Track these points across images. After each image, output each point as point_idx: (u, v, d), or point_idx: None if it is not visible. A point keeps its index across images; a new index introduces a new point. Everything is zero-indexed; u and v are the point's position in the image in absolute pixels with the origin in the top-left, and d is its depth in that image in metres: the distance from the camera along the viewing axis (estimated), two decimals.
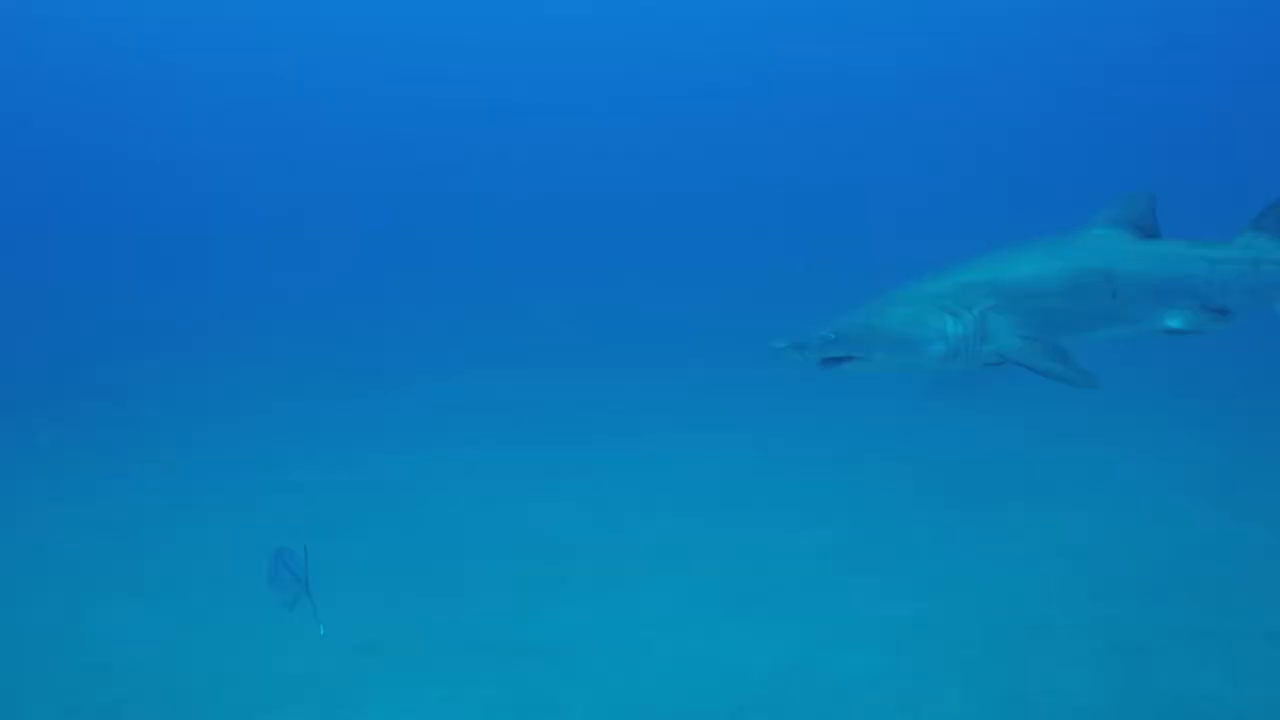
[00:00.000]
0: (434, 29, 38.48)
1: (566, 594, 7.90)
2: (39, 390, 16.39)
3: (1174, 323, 4.87)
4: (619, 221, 31.93)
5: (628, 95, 38.71)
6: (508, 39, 38.22)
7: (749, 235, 29.17)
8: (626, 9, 37.84)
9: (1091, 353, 4.80)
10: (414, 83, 38.83)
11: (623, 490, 10.48)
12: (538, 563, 8.57)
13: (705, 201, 33.21)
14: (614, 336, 19.19)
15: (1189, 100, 35.02)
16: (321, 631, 5.70)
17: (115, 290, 26.00)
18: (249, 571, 8.34)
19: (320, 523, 9.67)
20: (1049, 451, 11.22)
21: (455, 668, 6.75)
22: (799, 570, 8.18)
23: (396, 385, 16.34)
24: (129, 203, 35.28)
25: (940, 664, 6.52)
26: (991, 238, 5.11)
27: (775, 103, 36.90)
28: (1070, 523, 9.07)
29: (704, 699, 6.22)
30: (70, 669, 6.90)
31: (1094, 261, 4.83)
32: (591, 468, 11.31)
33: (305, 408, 14.89)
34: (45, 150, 36.94)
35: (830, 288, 5.16)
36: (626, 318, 20.91)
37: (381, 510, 10.19)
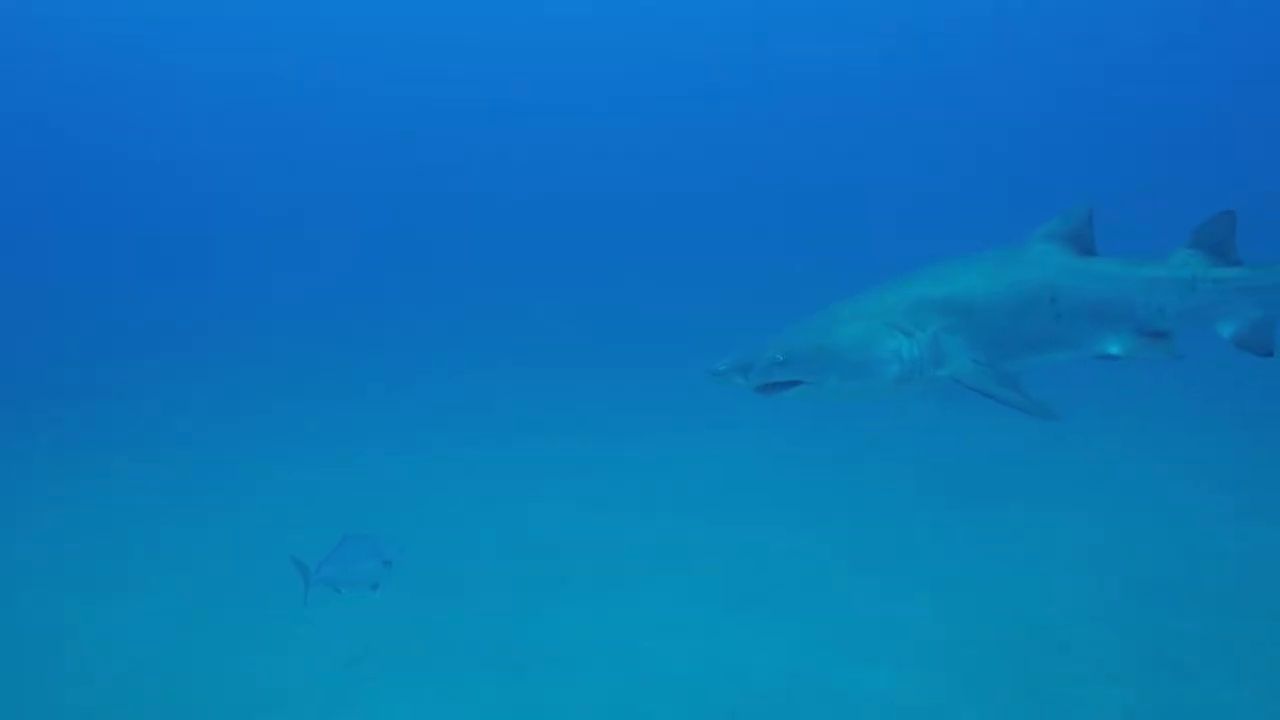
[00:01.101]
0: (433, 28, 38.49)
1: (566, 596, 7.84)
2: (38, 390, 16.23)
3: (1113, 348, 4.67)
4: (619, 221, 31.92)
5: (628, 95, 38.69)
6: (507, 38, 38.23)
7: (749, 235, 29.16)
8: (626, 9, 37.85)
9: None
10: (414, 83, 38.84)
11: (623, 490, 10.42)
12: (537, 564, 8.51)
13: (705, 201, 33.17)
14: (614, 336, 19.10)
15: (1188, 100, 35.01)
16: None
17: (115, 290, 25.89)
18: (245, 573, 8.37)
19: (318, 523, 9.43)
20: (1054, 451, 11.08)
21: (452, 671, 6.69)
22: (801, 572, 8.11)
23: (396, 385, 16.24)
24: (129, 203, 35.21)
25: (948, 673, 6.39)
26: (990, 238, 5.01)
27: (775, 102, 36.88)
28: (1080, 524, 8.94)
29: (705, 704, 6.15)
30: (60, 672, 6.82)
31: (1039, 281, 4.61)
32: (591, 468, 11.25)
33: (304, 408, 14.79)
34: (45, 150, 36.91)
35: (831, 287, 5.05)
36: (626, 317, 20.81)
37: (379, 510, 10.10)
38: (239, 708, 6.31)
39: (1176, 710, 5.87)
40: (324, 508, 10.13)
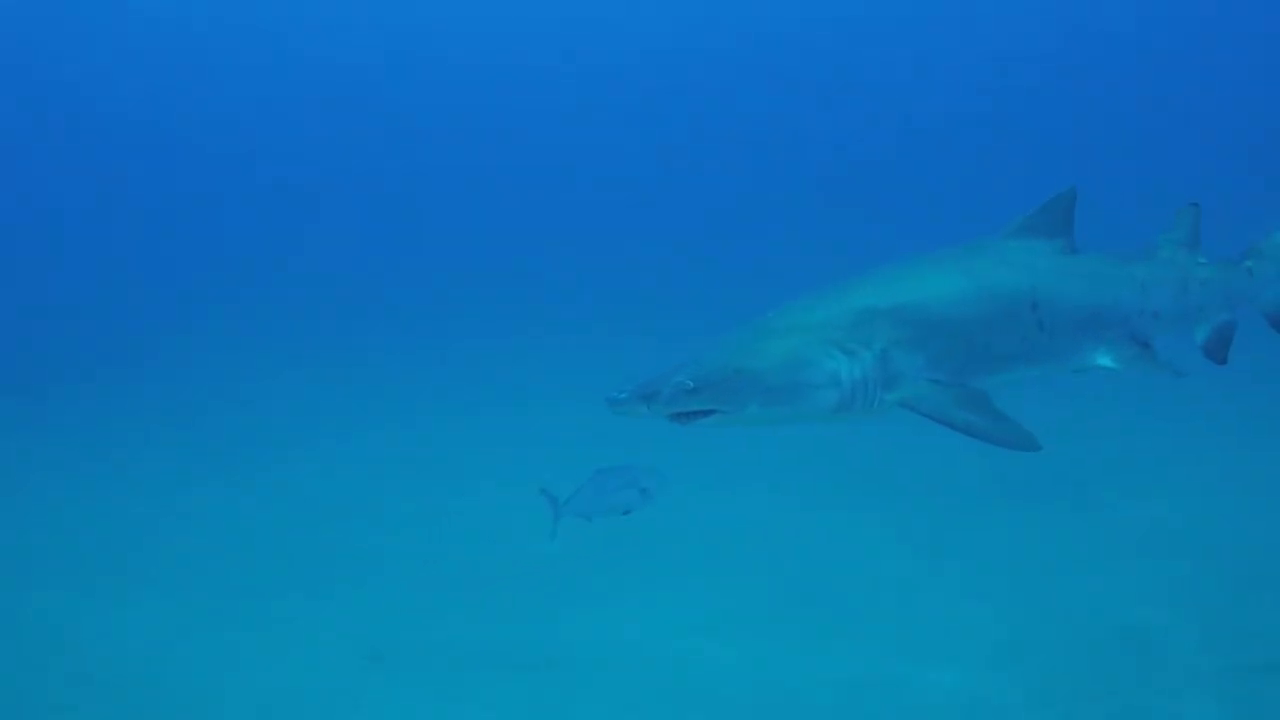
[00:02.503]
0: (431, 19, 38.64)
1: (603, 590, 7.32)
2: (41, 377, 15.68)
3: (1104, 360, 4.12)
4: (678, 188, 31.78)
5: (628, 86, 38.62)
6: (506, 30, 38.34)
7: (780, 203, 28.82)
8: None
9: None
10: (414, 59, 39.19)
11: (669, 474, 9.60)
12: (567, 557, 7.71)
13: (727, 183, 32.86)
14: (649, 306, 18.34)
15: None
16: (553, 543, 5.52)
17: (123, 274, 25.35)
18: (259, 566, 8.03)
19: (331, 511, 9.27)
20: (1138, 432, 10.18)
21: (474, 672, 6.26)
22: (858, 565, 7.54)
23: (409, 362, 15.79)
24: (137, 186, 35.05)
25: (1018, 674, 5.88)
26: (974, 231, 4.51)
27: (780, 94, 36.72)
28: (1162, 513, 8.25)
29: (750, 710, 5.68)
30: (60, 672, 6.45)
31: (1018, 284, 3.97)
32: (627, 451, 10.40)
33: (314, 389, 14.28)
34: (51, 135, 36.91)
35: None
36: (662, 288, 20.14)
37: (392, 498, 9.65)
38: (250, 709, 5.98)
39: (1265, 718, 5.41)
40: (332, 495, 9.77)
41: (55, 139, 36.50)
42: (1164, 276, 4.38)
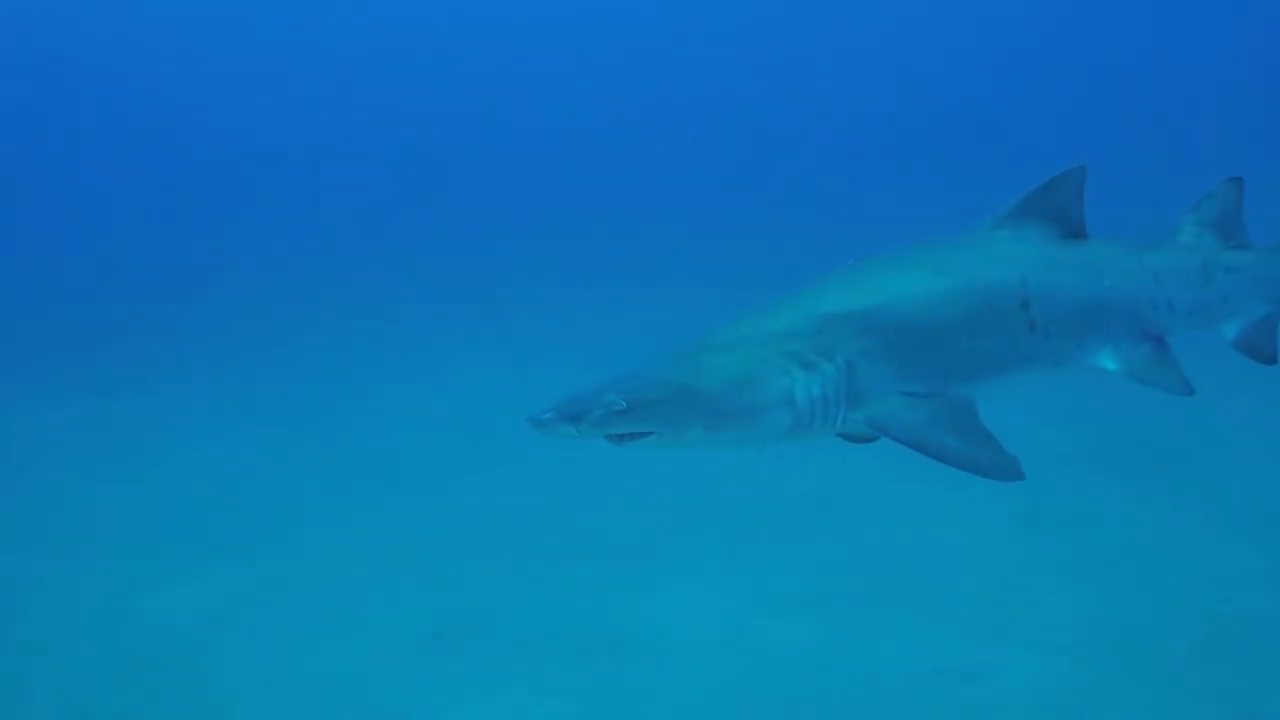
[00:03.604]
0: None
1: (682, 571, 6.89)
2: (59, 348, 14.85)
3: (1108, 362, 3.61)
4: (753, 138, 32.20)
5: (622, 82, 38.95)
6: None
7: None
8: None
9: None
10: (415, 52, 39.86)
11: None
12: (651, 530, 7.53)
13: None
14: (742, 256, 17.67)
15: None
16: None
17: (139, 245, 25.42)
18: (312, 540, 7.68)
19: (394, 480, 8.95)
20: (1231, 401, 9.29)
21: (542, 661, 5.87)
22: (944, 546, 7.12)
23: (481, 303, 15.73)
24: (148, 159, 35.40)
25: (1105, 663, 5.51)
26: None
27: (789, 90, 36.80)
28: (1252, 488, 7.73)
29: (833, 707, 5.34)
30: (102, 658, 6.10)
31: (1004, 279, 3.47)
32: None
33: (373, 334, 13.98)
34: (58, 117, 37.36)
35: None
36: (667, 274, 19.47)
37: (463, 463, 9.25)
38: (288, 705, 5.60)
39: None
40: (398, 463, 9.37)
41: (59, 121, 36.95)
42: (1182, 262, 3.83)
